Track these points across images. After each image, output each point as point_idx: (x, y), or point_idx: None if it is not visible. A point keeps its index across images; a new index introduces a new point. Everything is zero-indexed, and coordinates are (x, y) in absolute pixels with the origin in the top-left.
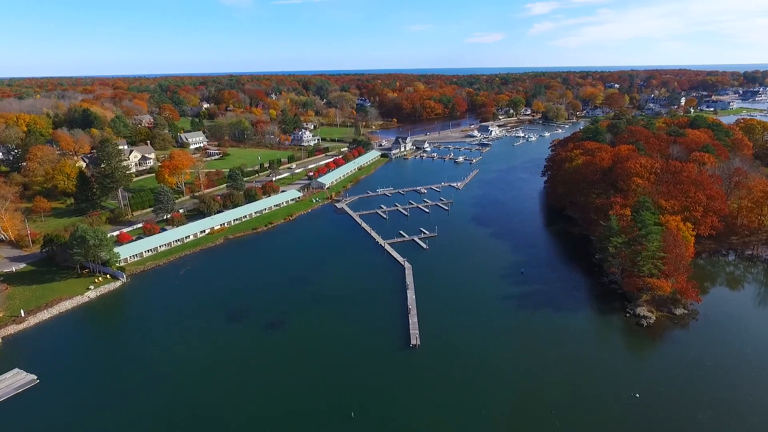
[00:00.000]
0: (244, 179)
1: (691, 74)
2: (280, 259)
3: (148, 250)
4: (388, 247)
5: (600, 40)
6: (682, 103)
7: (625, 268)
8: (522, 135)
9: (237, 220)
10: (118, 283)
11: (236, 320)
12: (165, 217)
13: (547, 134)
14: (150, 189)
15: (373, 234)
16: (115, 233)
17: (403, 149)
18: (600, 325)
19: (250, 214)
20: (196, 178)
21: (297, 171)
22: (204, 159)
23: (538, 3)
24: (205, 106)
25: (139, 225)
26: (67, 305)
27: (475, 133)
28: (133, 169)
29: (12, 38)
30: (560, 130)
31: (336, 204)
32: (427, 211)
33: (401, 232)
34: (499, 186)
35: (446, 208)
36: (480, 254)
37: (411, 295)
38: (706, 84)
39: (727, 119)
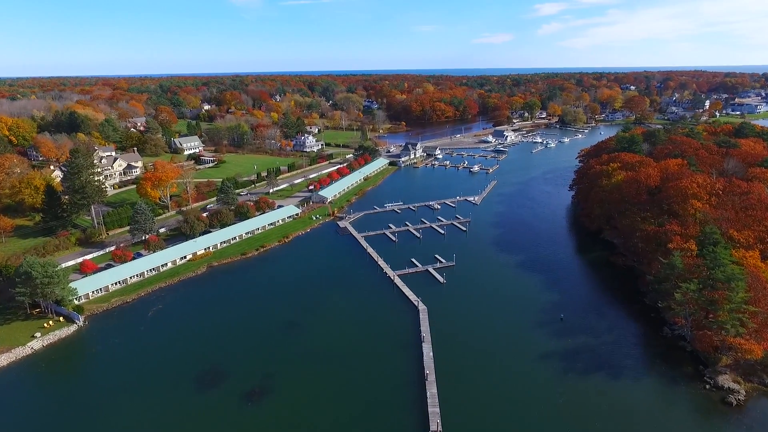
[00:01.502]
0: (238, 191)
1: (709, 75)
2: (269, 296)
3: (116, 283)
4: (398, 281)
5: (609, 41)
6: (707, 107)
7: (696, 319)
8: (540, 141)
9: (225, 242)
10: (72, 328)
11: (209, 385)
12: (143, 238)
13: (566, 140)
14: (130, 204)
15: (381, 263)
16: (77, 261)
17: (412, 156)
18: (673, 402)
19: (241, 236)
20: (184, 191)
21: (297, 182)
22: (196, 167)
23: (546, 4)
24: (206, 107)
25: (114, 247)
26: (1, 360)
27: (490, 138)
28: (117, 179)
29: (20, 38)
30: (580, 136)
31: (339, 222)
32: (442, 232)
33: (413, 260)
34: (521, 201)
35: (464, 228)
36: (507, 291)
37: (427, 350)
38: (725, 86)
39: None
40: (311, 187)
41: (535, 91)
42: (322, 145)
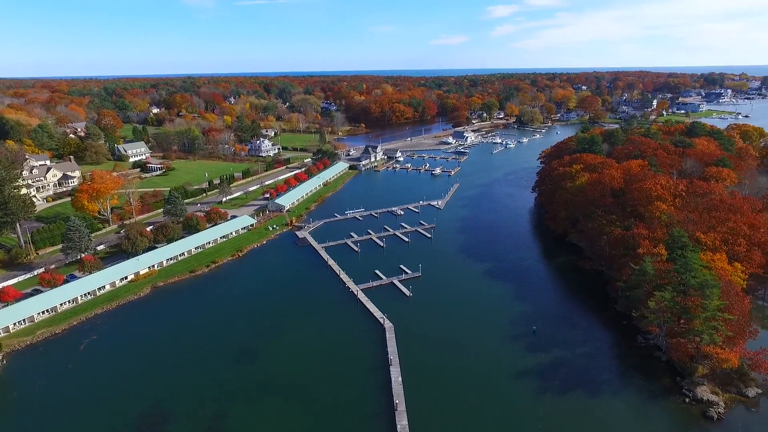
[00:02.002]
0: (188, 201)
1: (653, 76)
2: (221, 320)
3: (43, 312)
4: (362, 296)
5: (560, 43)
6: (654, 106)
7: (670, 327)
8: (500, 141)
9: (171, 259)
10: None
11: (149, 431)
12: (78, 258)
13: (525, 140)
14: (64, 219)
15: (343, 276)
16: None
17: (373, 160)
18: (654, 418)
19: (190, 251)
20: (127, 202)
21: (252, 189)
22: (142, 176)
23: (499, 6)
24: (154, 111)
25: (41, 270)
26: None
27: (450, 139)
28: (51, 191)
29: None
30: (538, 136)
31: (297, 232)
32: (406, 239)
33: (377, 272)
34: (485, 204)
35: (428, 235)
36: (477, 302)
37: (396, 375)
38: (669, 86)
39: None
40: (267, 195)
41: (492, 91)
42: (278, 149)
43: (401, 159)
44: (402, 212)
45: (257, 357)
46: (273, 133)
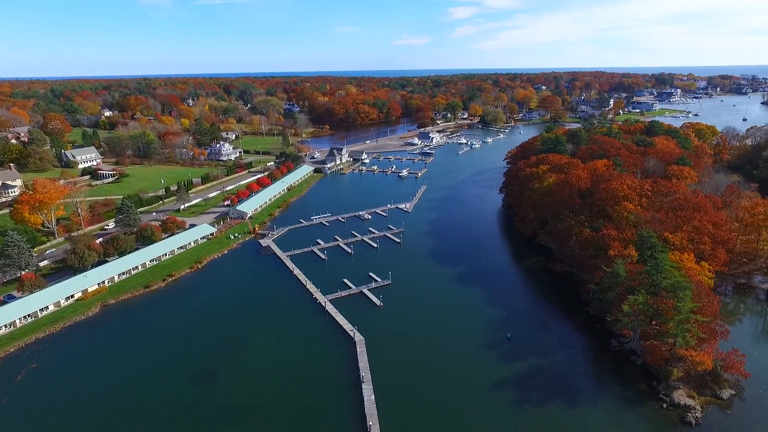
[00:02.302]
0: (143, 210)
1: (608, 76)
2: (178, 339)
3: None
4: (330, 307)
5: (519, 44)
6: (611, 105)
7: (644, 330)
8: (465, 141)
9: (124, 274)
10: None
11: None
12: (17, 275)
13: (489, 140)
14: (1, 233)
15: (310, 286)
16: None
17: (338, 162)
18: (633, 425)
19: (144, 264)
20: (75, 213)
21: (212, 195)
22: (92, 184)
23: (459, 7)
24: (107, 114)
25: None
26: None
27: (416, 140)
28: None
29: None
30: (501, 135)
31: (260, 241)
32: (375, 245)
33: (346, 281)
34: (453, 206)
35: (397, 239)
36: (449, 310)
37: (368, 393)
38: (623, 85)
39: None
40: (228, 202)
41: (455, 91)
42: (240, 152)
43: (367, 161)
44: (369, 216)
45: (217, 379)
46: (234, 136)
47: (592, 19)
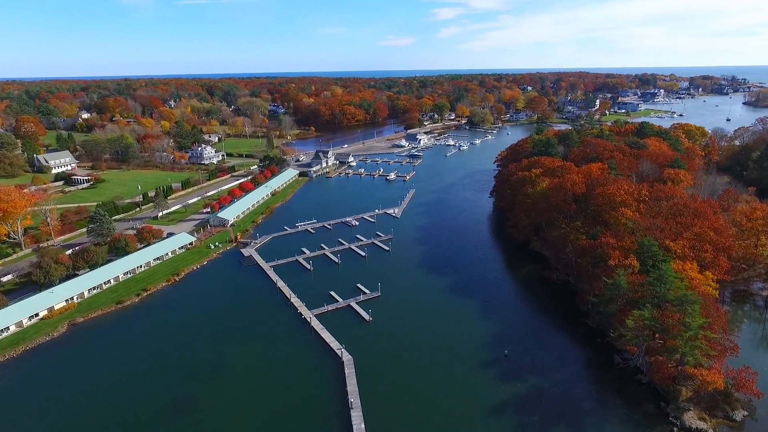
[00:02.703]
0: (119, 218)
1: (592, 76)
2: (151, 362)
3: None
4: (316, 323)
5: (503, 45)
6: (597, 106)
7: (650, 345)
8: (453, 143)
9: (95, 289)
10: None
11: None
12: None
13: (477, 141)
14: None
15: (294, 300)
16: None
17: (324, 165)
18: None
19: (117, 278)
20: (43, 222)
21: (192, 202)
22: (65, 190)
23: (444, 8)
24: (84, 116)
25: None
26: None
27: (403, 142)
28: None
29: None
30: (489, 137)
31: (242, 250)
32: (363, 254)
33: (332, 293)
34: (443, 211)
35: (386, 247)
36: (442, 324)
37: (358, 421)
38: (608, 86)
39: (638, 120)
40: (208, 209)
41: (442, 92)
42: (222, 156)
43: (354, 164)
44: (357, 223)
45: (194, 407)
46: (217, 138)
47: (574, 20)
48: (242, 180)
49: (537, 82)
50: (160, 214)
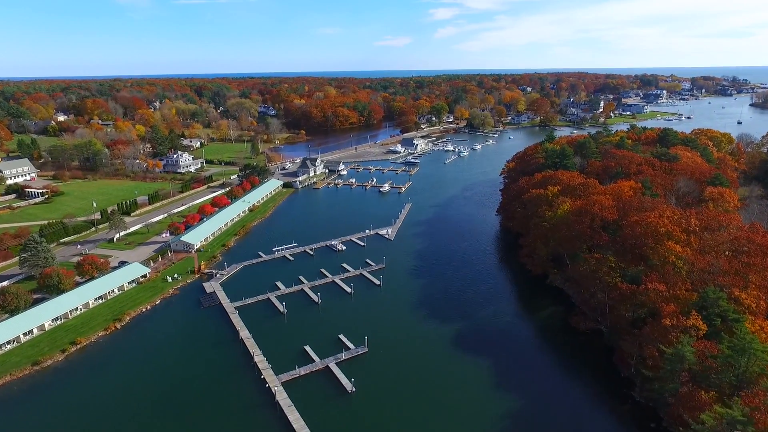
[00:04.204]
0: (70, 239)
1: (592, 77)
2: None
3: None
4: (282, 396)
5: (500, 45)
6: (602, 108)
7: None
8: (452, 149)
9: (9, 343)
10: None
11: None
12: None
13: (478, 146)
14: None
15: (258, 359)
16: None
17: (312, 175)
18: None
19: (42, 326)
20: None
21: (157, 220)
22: (13, 205)
23: (440, 9)
24: (60, 118)
25: None
26: None
27: (399, 147)
28: None
29: None
30: (491, 141)
31: (206, 284)
32: (349, 290)
33: (307, 349)
34: (442, 231)
35: (377, 281)
36: (446, 398)
37: None
38: (608, 87)
39: (645, 124)
40: (166, 233)
41: (439, 93)
42: (201, 163)
43: (344, 173)
44: (344, 248)
45: None
46: (199, 143)
47: (569, 20)
48: (219, 192)
49: (536, 82)
50: (117, 236)
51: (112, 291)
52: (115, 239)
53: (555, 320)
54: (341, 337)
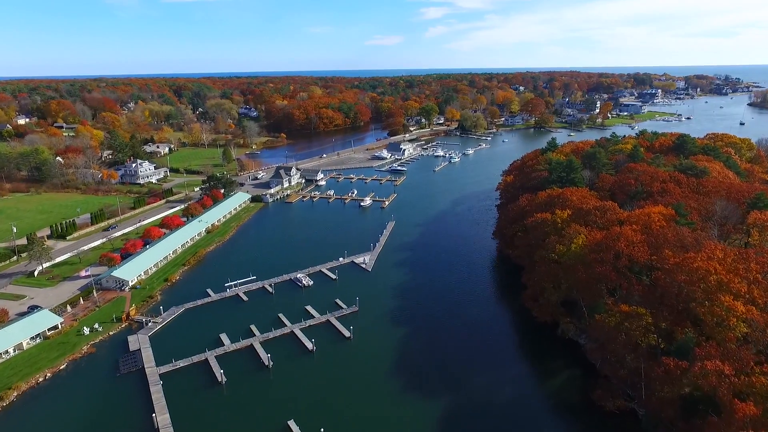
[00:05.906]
0: None
1: (585, 76)
2: None
3: None
4: None
5: (491, 44)
6: (598, 108)
7: None
8: (442, 154)
9: None
10: None
11: None
12: None
13: (470, 151)
14: None
15: None
16: None
17: (286, 186)
18: None
19: None
20: None
21: (95, 245)
22: None
23: (431, 8)
24: (20, 122)
25: None
26: None
27: (384, 153)
28: None
29: None
30: (484, 145)
31: (131, 337)
32: (311, 346)
33: None
34: (430, 258)
35: (347, 332)
36: None
37: None
38: (602, 86)
39: (645, 125)
40: (87, 271)
41: (429, 93)
42: (165, 172)
43: (323, 183)
44: (310, 282)
45: None
46: (168, 148)
47: (559, 20)
48: (177, 207)
49: (529, 81)
50: (39, 268)
51: (6, 352)
52: (36, 273)
53: (572, 391)
54: (291, 425)
